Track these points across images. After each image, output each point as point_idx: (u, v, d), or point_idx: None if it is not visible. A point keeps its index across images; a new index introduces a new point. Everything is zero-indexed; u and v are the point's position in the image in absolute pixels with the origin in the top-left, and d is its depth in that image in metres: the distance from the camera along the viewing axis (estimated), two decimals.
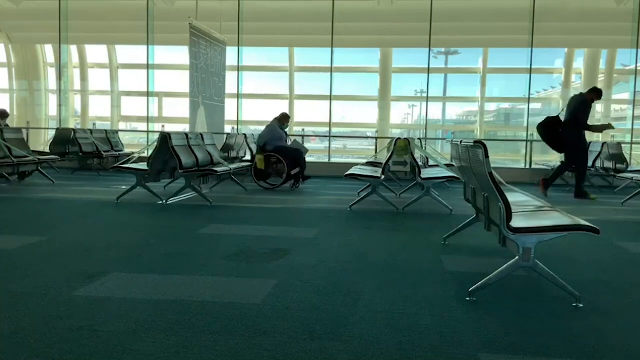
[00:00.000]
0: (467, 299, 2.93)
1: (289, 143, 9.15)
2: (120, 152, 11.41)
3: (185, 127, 12.79)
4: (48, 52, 17.26)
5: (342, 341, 2.33)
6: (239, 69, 12.87)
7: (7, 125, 9.56)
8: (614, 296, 3.14)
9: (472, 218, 4.20)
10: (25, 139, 9.27)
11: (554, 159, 11.96)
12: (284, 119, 8.74)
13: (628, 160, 9.30)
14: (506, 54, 16.72)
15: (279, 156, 8.31)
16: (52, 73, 17.11)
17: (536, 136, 8.87)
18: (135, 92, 16.39)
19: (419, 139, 10.51)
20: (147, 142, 11.37)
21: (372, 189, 6.57)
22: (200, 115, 10.52)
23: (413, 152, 7.08)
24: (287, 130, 9.03)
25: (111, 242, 4.30)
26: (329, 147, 12.73)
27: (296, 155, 8.49)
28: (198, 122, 10.36)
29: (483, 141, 3.00)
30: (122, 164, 7.11)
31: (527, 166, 11.41)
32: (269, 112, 17.07)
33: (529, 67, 11.85)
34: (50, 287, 3.01)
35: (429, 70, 12.46)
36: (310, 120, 15.82)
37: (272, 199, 7.29)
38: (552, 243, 3.04)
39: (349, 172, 6.84)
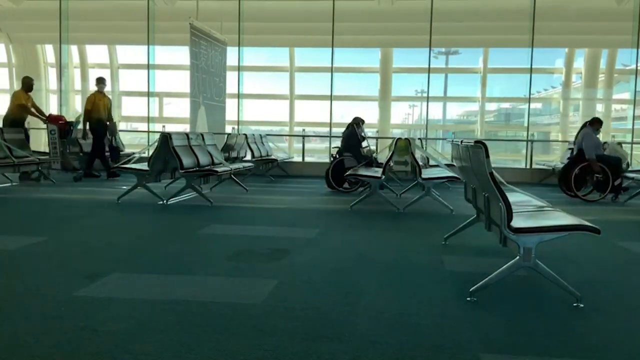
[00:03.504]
0: (468, 299, 2.92)
1: (606, 150, 8.41)
2: (120, 152, 11.38)
3: (185, 127, 12.78)
4: (48, 52, 17.24)
5: (342, 341, 2.32)
6: (239, 69, 12.86)
7: None
8: (614, 296, 3.14)
9: (472, 218, 4.19)
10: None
11: (555, 158, 11.96)
12: (595, 123, 8.05)
13: (628, 160, 9.29)
14: (506, 53, 16.72)
15: (602, 165, 7.71)
16: (52, 73, 17.10)
17: (537, 136, 8.83)
18: (135, 92, 16.39)
19: (419, 138, 10.51)
20: (148, 142, 11.36)
21: (372, 189, 6.56)
22: (200, 115, 10.51)
23: (413, 152, 7.08)
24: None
25: (111, 242, 4.29)
26: (329, 147, 12.72)
27: (617, 163, 7.90)
28: (199, 122, 10.36)
29: (483, 141, 3.00)
30: (123, 164, 7.11)
31: (528, 166, 11.40)
32: (269, 112, 17.11)
33: (529, 66, 11.83)
34: (50, 287, 3.01)
35: (429, 70, 12.45)
36: (310, 120, 15.80)
37: (272, 199, 7.28)
38: (553, 243, 3.03)
39: (349, 172, 6.84)
